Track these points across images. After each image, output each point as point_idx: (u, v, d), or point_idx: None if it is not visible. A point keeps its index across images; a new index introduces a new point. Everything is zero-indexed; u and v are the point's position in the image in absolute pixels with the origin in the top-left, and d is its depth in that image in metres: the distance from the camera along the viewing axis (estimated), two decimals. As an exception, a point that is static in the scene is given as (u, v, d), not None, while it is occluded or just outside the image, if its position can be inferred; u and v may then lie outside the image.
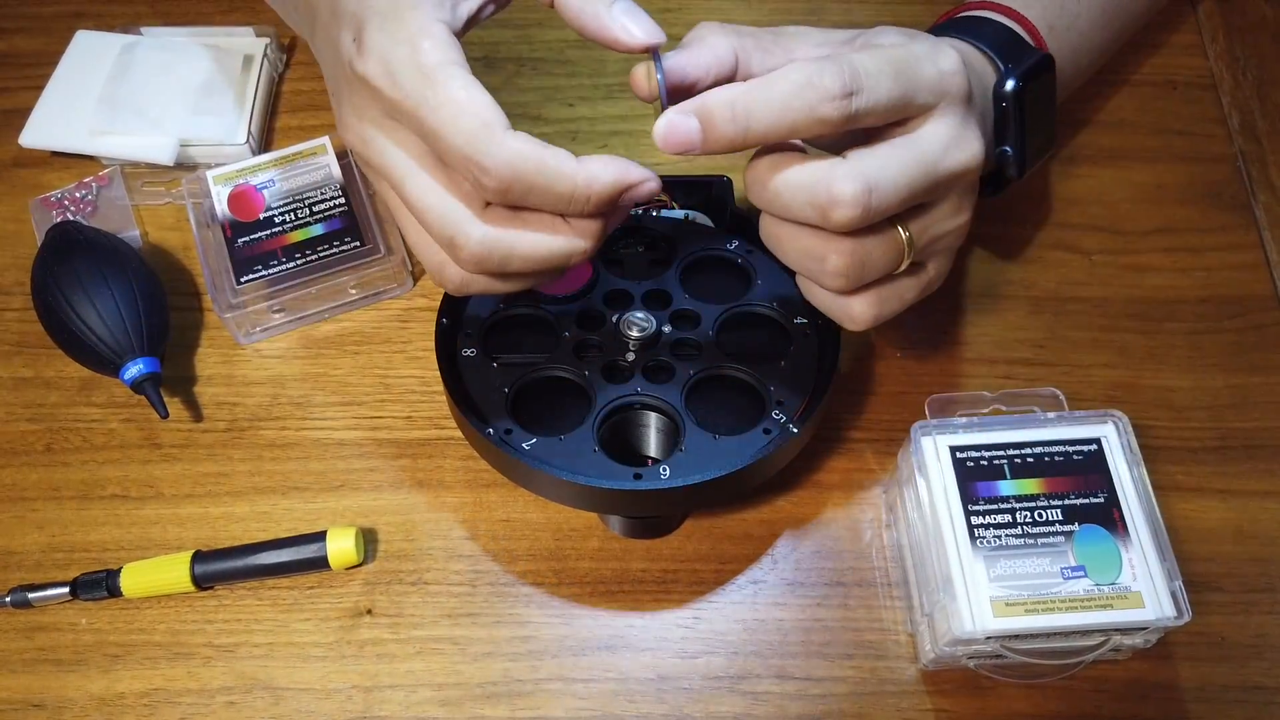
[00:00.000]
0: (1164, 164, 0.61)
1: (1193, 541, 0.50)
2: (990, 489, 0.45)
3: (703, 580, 0.49)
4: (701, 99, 0.39)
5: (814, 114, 0.38)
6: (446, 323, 0.48)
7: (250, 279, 0.54)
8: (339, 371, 0.55)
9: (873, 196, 0.39)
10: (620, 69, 0.64)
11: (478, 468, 0.51)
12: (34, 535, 0.51)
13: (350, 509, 0.51)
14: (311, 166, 0.57)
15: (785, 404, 0.46)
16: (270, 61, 0.63)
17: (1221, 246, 0.58)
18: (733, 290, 0.50)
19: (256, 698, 0.47)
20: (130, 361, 0.51)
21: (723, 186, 0.54)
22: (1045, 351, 0.55)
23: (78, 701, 0.47)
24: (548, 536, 0.50)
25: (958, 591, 0.43)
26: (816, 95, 0.38)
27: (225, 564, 0.49)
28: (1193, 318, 0.56)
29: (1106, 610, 0.42)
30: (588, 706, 0.47)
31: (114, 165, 0.60)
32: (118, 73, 0.61)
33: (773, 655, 0.48)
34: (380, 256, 0.55)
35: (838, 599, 0.49)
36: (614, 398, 0.46)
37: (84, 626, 0.48)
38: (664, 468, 0.44)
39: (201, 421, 0.54)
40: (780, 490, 0.51)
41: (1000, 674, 0.47)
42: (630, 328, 0.48)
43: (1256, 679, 0.47)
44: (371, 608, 0.49)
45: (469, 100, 0.37)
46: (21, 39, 0.66)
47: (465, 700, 0.47)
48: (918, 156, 0.40)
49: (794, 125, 0.38)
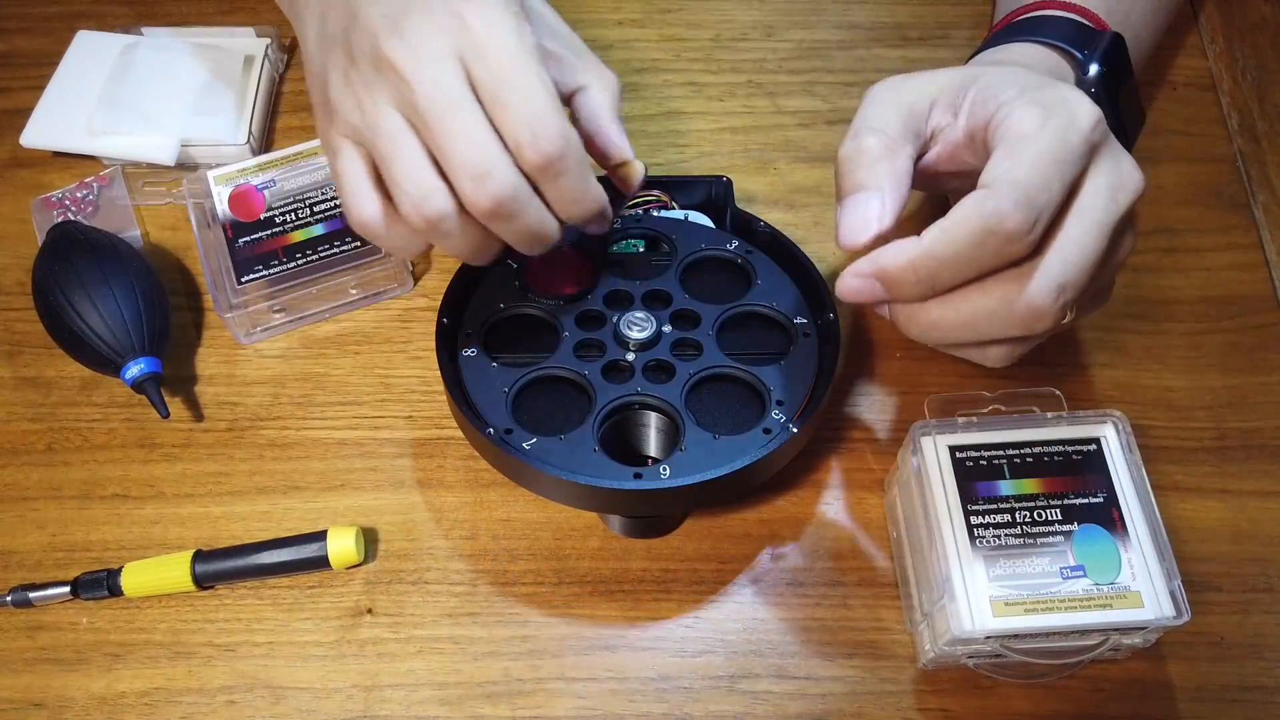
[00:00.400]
0: (1164, 164, 0.61)
1: (1192, 541, 0.50)
2: (990, 489, 0.45)
3: (703, 580, 0.49)
4: (879, 263, 0.39)
5: (1002, 256, 0.38)
6: (447, 323, 0.48)
7: (251, 279, 0.54)
8: (339, 371, 0.55)
9: (1067, 293, 0.39)
10: (620, 69, 0.64)
11: (478, 467, 0.51)
12: (35, 535, 0.51)
13: (351, 508, 0.51)
14: (312, 166, 0.57)
15: (785, 404, 0.46)
16: (271, 62, 0.63)
17: (1221, 246, 0.59)
18: (733, 290, 0.51)
19: (257, 697, 0.47)
20: (131, 361, 0.51)
21: (722, 186, 0.54)
22: (1045, 351, 0.55)
23: (78, 701, 0.47)
24: (548, 536, 0.50)
25: (957, 591, 0.43)
26: (1000, 240, 0.38)
27: (226, 563, 0.49)
28: (1192, 318, 0.56)
29: (1106, 610, 0.43)
30: (588, 706, 0.47)
31: (115, 165, 0.60)
32: (118, 73, 0.61)
33: (773, 655, 0.48)
34: (380, 256, 0.55)
35: (838, 599, 0.49)
36: (614, 397, 0.46)
37: (85, 626, 0.49)
38: (664, 467, 0.44)
39: (202, 421, 0.54)
40: (780, 490, 0.51)
41: (1000, 673, 0.47)
42: (630, 327, 0.48)
43: (1255, 679, 0.47)
44: (372, 607, 0.49)
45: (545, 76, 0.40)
46: (22, 39, 0.66)
47: (466, 699, 0.47)
48: (1091, 226, 0.40)
49: (982, 271, 0.39)
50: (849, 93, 0.64)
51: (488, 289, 0.50)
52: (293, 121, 0.63)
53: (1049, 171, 0.38)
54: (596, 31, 0.66)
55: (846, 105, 0.63)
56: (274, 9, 0.67)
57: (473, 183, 0.40)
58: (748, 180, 0.60)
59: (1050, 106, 0.40)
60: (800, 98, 0.64)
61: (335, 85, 0.42)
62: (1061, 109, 0.40)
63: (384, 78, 0.41)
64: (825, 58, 0.65)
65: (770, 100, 0.64)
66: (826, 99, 0.64)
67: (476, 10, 0.40)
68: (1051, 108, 0.40)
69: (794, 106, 0.63)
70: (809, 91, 0.64)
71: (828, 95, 0.64)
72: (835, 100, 0.64)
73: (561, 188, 0.42)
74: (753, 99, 0.64)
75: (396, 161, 0.41)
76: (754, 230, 0.52)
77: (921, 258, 0.39)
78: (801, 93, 0.64)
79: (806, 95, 0.64)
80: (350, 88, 0.42)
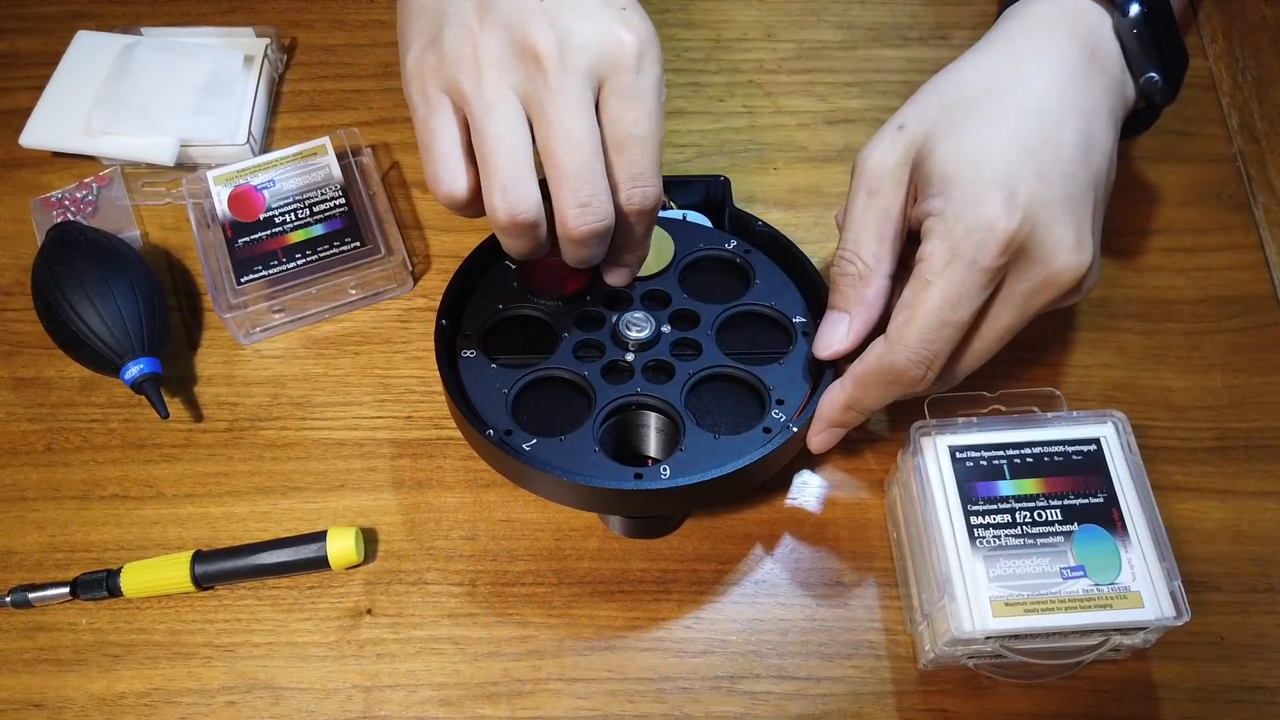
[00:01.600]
0: (1164, 164, 0.61)
1: (1192, 541, 0.50)
2: (990, 489, 0.45)
3: (703, 580, 0.49)
4: (824, 417, 0.46)
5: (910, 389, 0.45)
6: (446, 323, 0.48)
7: (250, 279, 0.54)
8: (339, 371, 0.55)
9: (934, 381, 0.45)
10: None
11: (478, 468, 0.51)
12: (34, 535, 0.51)
13: (350, 509, 0.51)
14: (312, 167, 0.57)
15: (785, 403, 0.46)
16: (270, 61, 0.63)
17: (1221, 247, 0.59)
18: (732, 290, 0.50)
19: (257, 697, 0.47)
20: (131, 361, 0.51)
21: (720, 186, 0.54)
22: (1045, 351, 0.55)
23: (78, 701, 0.47)
24: (548, 536, 0.50)
25: (957, 591, 0.43)
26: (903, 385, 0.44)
27: (225, 564, 0.49)
28: (1192, 318, 0.56)
29: (1106, 610, 0.42)
30: (588, 706, 0.47)
31: (114, 165, 0.60)
32: (118, 73, 0.61)
33: (773, 655, 0.48)
34: (380, 257, 0.55)
35: (838, 599, 0.49)
36: (614, 398, 0.46)
37: (84, 626, 0.48)
38: (664, 468, 0.44)
39: (202, 421, 0.54)
40: (780, 490, 0.51)
41: (1000, 674, 0.47)
42: (630, 328, 0.48)
43: (1255, 679, 0.47)
44: (371, 607, 0.49)
45: None
46: (22, 39, 0.66)
47: (465, 700, 0.47)
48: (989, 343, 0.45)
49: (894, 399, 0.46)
50: (849, 93, 0.64)
51: (487, 290, 0.50)
52: (292, 121, 0.63)
53: (946, 318, 0.43)
54: (596, 31, 0.66)
55: (846, 105, 0.63)
56: (274, 9, 0.67)
57: (577, 209, 0.42)
58: (747, 180, 0.60)
59: (959, 239, 0.42)
60: (800, 98, 0.64)
61: (454, 33, 0.42)
62: (969, 242, 0.42)
63: (521, 62, 0.41)
64: (825, 58, 0.65)
65: (770, 100, 0.64)
66: (826, 99, 0.64)
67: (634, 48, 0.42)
68: (959, 242, 0.42)
69: (794, 106, 0.63)
70: (809, 91, 0.64)
71: (828, 95, 0.64)
72: (835, 100, 0.64)
73: (636, 241, 0.45)
74: (753, 99, 0.64)
75: (501, 153, 0.41)
76: (752, 230, 0.52)
77: (849, 400, 0.45)
78: (801, 93, 0.64)
79: (806, 95, 0.64)
80: (475, 48, 0.41)
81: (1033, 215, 0.42)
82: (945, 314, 0.43)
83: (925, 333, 0.43)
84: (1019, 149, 0.43)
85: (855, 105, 0.63)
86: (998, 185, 0.42)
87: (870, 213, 0.46)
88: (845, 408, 0.46)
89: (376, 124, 0.62)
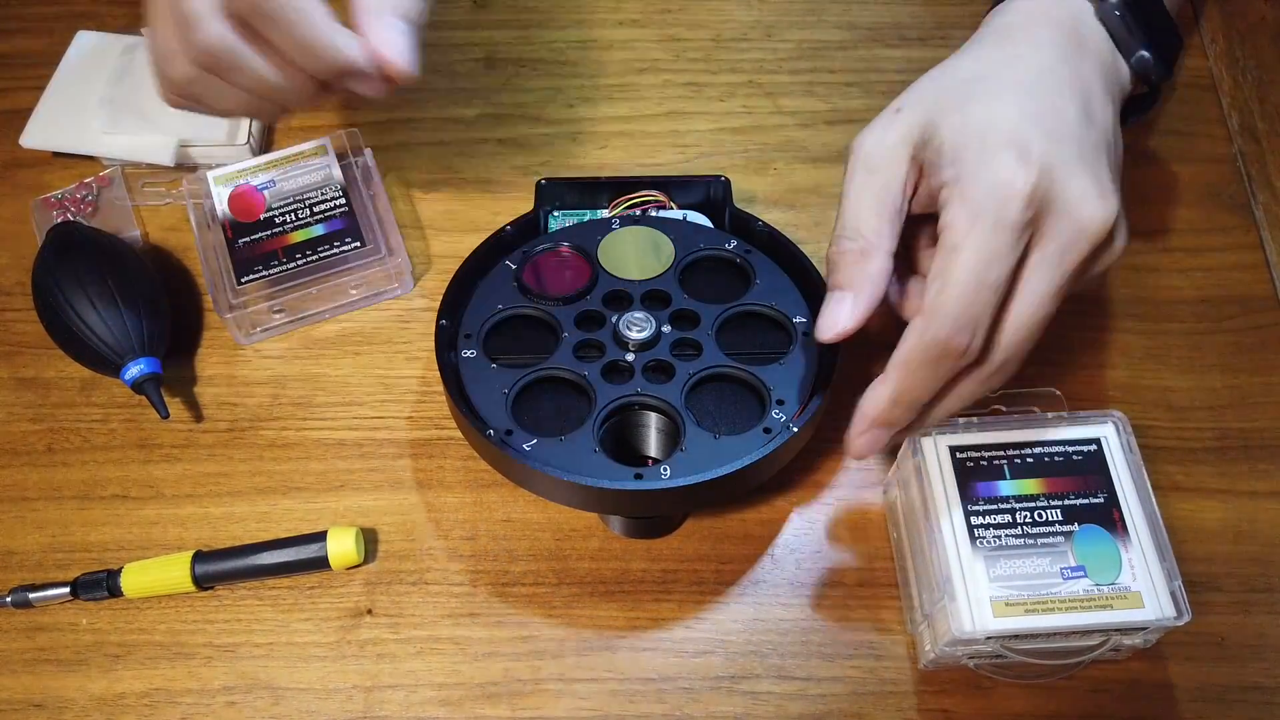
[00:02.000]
0: (1164, 164, 0.61)
1: (1192, 542, 0.50)
2: (990, 489, 0.45)
3: (703, 580, 0.49)
4: (867, 414, 0.44)
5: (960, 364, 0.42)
6: (447, 323, 0.48)
7: (251, 279, 0.54)
8: (339, 372, 0.55)
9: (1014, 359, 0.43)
10: (620, 69, 0.64)
11: (478, 468, 0.51)
12: (34, 535, 0.51)
13: (350, 509, 0.51)
14: (312, 167, 0.57)
15: (785, 404, 0.46)
16: (270, 62, 0.63)
17: (1221, 247, 0.59)
18: (732, 290, 0.50)
19: (257, 698, 0.47)
20: (131, 362, 0.51)
21: (720, 186, 0.54)
22: (1045, 351, 0.55)
23: (78, 701, 0.47)
24: (548, 536, 0.50)
25: (957, 591, 0.43)
26: (951, 359, 0.41)
27: (226, 564, 0.49)
28: (1192, 318, 0.56)
29: (1106, 610, 0.42)
30: (588, 706, 0.47)
31: (115, 166, 0.60)
32: (119, 73, 0.61)
33: (773, 655, 0.48)
34: (380, 257, 0.55)
35: (838, 599, 0.49)
36: (614, 398, 0.46)
37: (84, 626, 0.48)
38: (664, 468, 0.44)
39: (202, 422, 0.54)
40: (780, 490, 0.51)
41: (1000, 674, 0.47)
42: (630, 328, 0.48)
43: (1256, 679, 0.47)
44: (372, 608, 0.49)
45: None
46: (22, 39, 0.66)
47: (466, 700, 0.47)
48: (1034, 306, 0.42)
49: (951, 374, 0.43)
50: (849, 93, 0.64)
51: (487, 290, 0.50)
52: (292, 121, 0.63)
53: (982, 279, 0.41)
54: (596, 31, 0.66)
55: (846, 105, 0.63)
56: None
57: (185, 29, 0.42)
58: (748, 180, 0.60)
59: (980, 201, 0.41)
60: (800, 98, 0.64)
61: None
62: (990, 200, 0.41)
63: None
64: (825, 58, 0.65)
65: (770, 100, 0.64)
66: (826, 99, 0.64)
67: None
68: (981, 202, 0.41)
69: (794, 106, 0.63)
70: (809, 91, 0.64)
71: (828, 95, 0.64)
72: (835, 100, 0.64)
73: (278, 35, 0.43)
74: (753, 99, 0.64)
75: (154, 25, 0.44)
76: (752, 230, 0.52)
77: (896, 393, 0.43)
78: (801, 93, 0.64)
79: (806, 95, 0.64)
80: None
81: (1049, 170, 0.41)
82: (980, 274, 0.41)
83: (963, 297, 0.41)
84: (1023, 115, 0.43)
85: (855, 105, 0.63)
86: (1009, 145, 0.41)
87: (868, 189, 0.44)
88: (892, 402, 0.43)
89: (377, 125, 0.62)
